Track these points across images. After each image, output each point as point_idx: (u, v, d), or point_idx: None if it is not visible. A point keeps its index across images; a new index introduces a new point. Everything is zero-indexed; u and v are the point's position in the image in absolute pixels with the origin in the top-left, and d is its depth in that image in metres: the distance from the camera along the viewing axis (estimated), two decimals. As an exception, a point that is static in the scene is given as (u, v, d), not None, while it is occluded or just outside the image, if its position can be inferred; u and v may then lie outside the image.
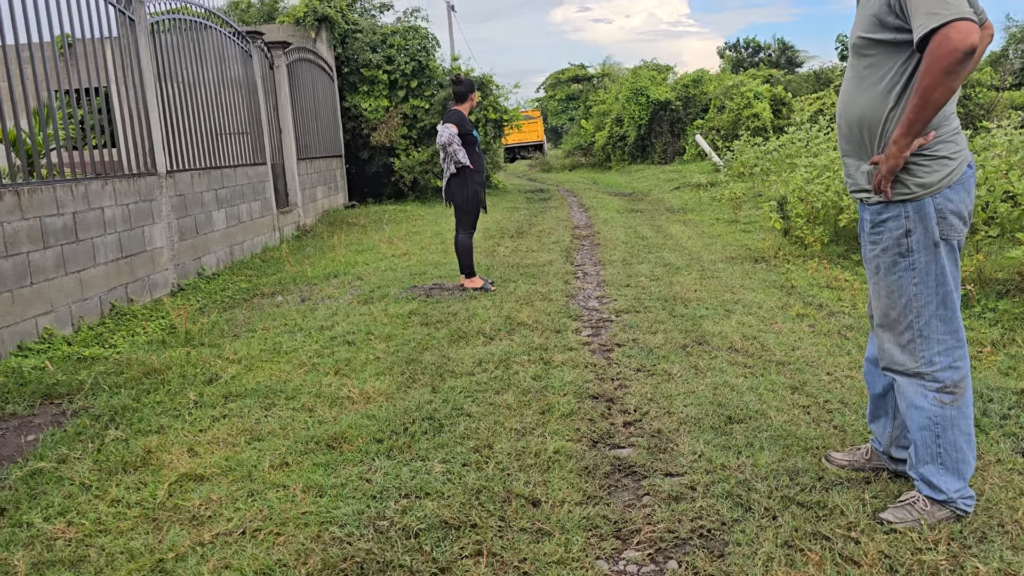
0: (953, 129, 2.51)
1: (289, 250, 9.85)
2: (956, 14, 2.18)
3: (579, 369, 4.47)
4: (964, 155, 2.51)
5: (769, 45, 52.78)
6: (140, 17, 7.42)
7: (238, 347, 5.33)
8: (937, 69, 2.23)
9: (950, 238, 2.51)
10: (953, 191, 2.47)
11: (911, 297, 2.55)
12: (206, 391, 4.43)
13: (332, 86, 15.00)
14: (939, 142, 2.46)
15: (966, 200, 2.51)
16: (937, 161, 2.46)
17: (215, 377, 4.69)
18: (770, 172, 13.01)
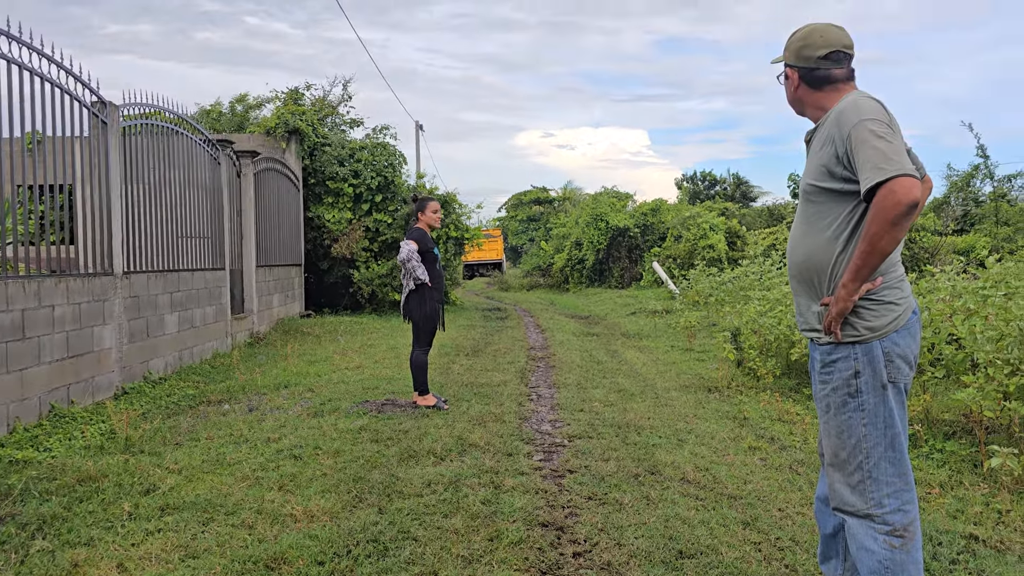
0: (899, 276, 2.63)
1: (240, 357, 9.69)
2: (900, 171, 2.33)
3: (530, 495, 4.38)
4: (909, 301, 2.62)
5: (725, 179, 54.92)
6: (113, 120, 7.51)
7: (179, 456, 5.15)
8: (883, 220, 2.35)
9: (897, 381, 2.58)
10: (900, 335, 2.57)
11: (860, 438, 2.58)
12: (142, 502, 4.24)
13: (297, 196, 15.18)
14: (886, 288, 2.57)
15: (912, 345, 2.60)
16: (884, 306, 2.56)
17: (153, 487, 4.50)
18: (724, 303, 13.30)
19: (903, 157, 2.37)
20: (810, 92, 2.77)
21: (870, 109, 2.49)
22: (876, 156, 2.37)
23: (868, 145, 2.40)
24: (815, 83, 2.74)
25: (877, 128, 2.42)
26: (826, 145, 2.59)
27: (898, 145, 2.41)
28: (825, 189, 2.61)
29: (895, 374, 2.57)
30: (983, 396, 4.74)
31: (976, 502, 4.23)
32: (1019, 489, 4.38)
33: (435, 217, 6.85)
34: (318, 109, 17.56)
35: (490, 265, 40.17)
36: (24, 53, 6.14)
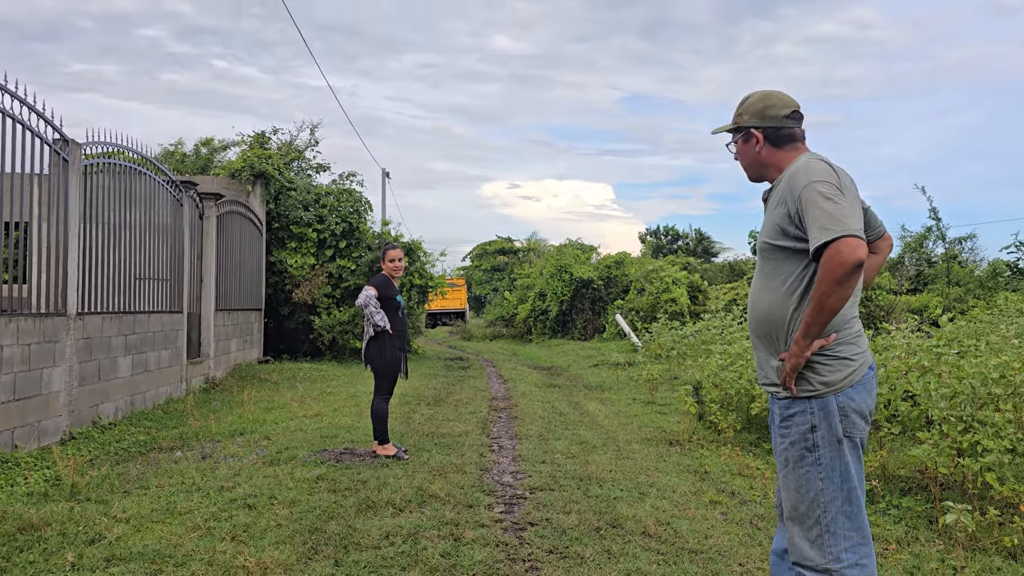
0: (855, 332, 2.67)
1: (195, 403, 9.47)
2: (846, 231, 2.41)
3: (490, 548, 4.30)
4: (865, 357, 2.67)
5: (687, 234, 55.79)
6: (75, 159, 7.42)
7: (128, 505, 4.98)
8: (830, 279, 2.42)
9: (853, 435, 2.61)
10: (855, 390, 2.61)
11: (818, 492, 2.60)
12: (87, 552, 4.08)
13: (260, 240, 15.06)
14: (840, 343, 2.62)
15: (867, 400, 2.64)
16: (839, 361, 2.61)
17: (99, 537, 4.34)
18: (686, 356, 13.39)
19: (850, 218, 2.44)
20: (773, 152, 2.82)
21: (820, 171, 2.58)
22: (823, 217, 2.45)
23: (816, 206, 2.48)
24: (779, 142, 2.81)
25: (825, 190, 2.50)
26: (780, 205, 2.67)
27: (845, 206, 2.48)
28: (779, 247, 2.69)
29: (850, 428, 2.60)
30: (937, 452, 4.79)
31: (932, 559, 4.24)
32: (973, 546, 4.41)
33: (392, 266, 6.77)
34: (284, 153, 17.55)
35: (453, 314, 40.09)
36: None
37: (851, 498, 2.59)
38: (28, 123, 6.69)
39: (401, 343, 6.73)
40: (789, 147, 2.82)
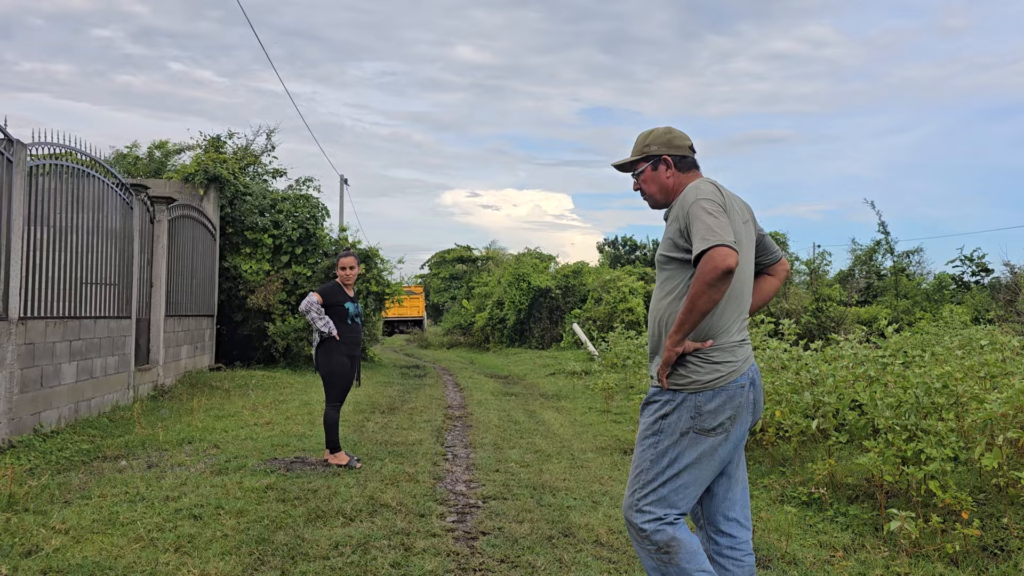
0: (734, 343, 2.92)
1: (142, 411, 9.26)
2: (719, 241, 2.68)
3: (441, 557, 4.26)
4: (738, 367, 2.90)
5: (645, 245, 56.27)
6: (19, 159, 7.22)
7: (68, 515, 4.84)
8: (702, 282, 2.68)
9: (700, 433, 2.85)
10: (715, 395, 2.85)
11: (645, 468, 2.91)
12: (22, 564, 3.95)
13: (214, 245, 14.82)
14: (716, 350, 2.88)
15: (726, 407, 2.85)
16: (709, 364, 2.86)
17: (36, 549, 4.21)
18: (642, 365, 13.45)
19: (725, 231, 2.71)
20: (679, 176, 3.12)
21: (706, 191, 2.87)
22: (703, 229, 2.73)
23: (699, 220, 2.76)
24: (685, 168, 3.14)
25: (708, 206, 2.79)
26: (674, 222, 2.96)
27: (724, 222, 2.75)
28: (673, 258, 2.97)
29: (700, 426, 2.84)
30: (883, 461, 4.87)
31: (877, 565, 4.31)
32: (917, 552, 4.49)
33: (344, 274, 6.70)
34: (240, 158, 17.31)
35: (411, 322, 39.85)
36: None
37: (672, 483, 2.86)
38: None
39: (351, 350, 6.66)
40: (691, 173, 3.14)
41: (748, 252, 3.05)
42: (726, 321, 2.90)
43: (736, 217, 2.93)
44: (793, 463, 6.59)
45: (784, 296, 22.79)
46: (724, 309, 2.89)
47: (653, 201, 3.20)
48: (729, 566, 2.99)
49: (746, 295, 3.03)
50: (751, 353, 3.00)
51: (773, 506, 5.63)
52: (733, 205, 2.96)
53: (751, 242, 3.08)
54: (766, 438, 6.75)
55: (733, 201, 2.99)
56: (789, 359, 6.94)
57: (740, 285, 2.96)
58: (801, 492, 5.78)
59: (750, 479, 6.51)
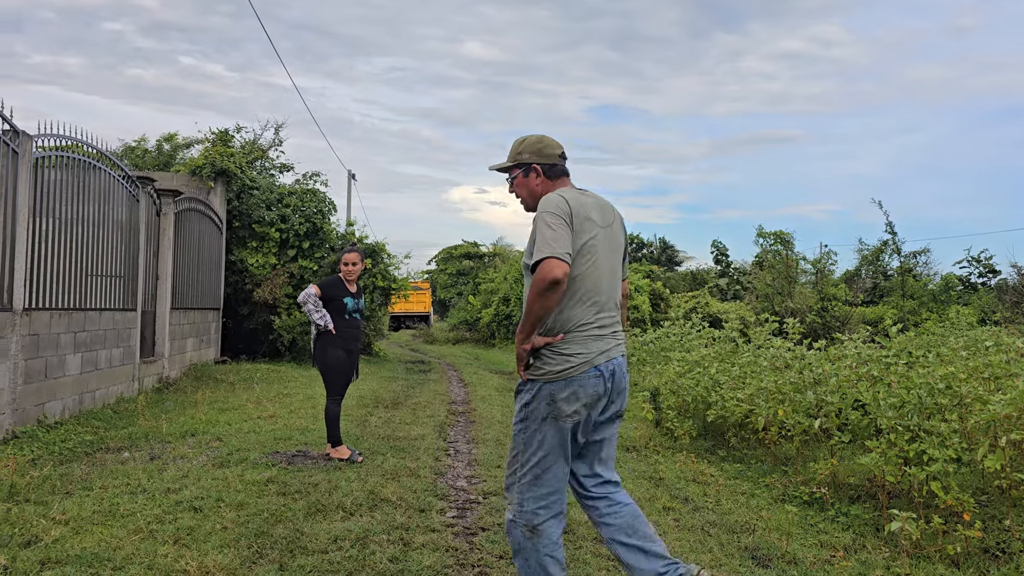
0: (585, 336, 3.13)
1: (147, 403, 9.29)
2: (551, 254, 2.92)
3: (439, 552, 4.26)
4: (590, 359, 3.11)
5: (651, 243, 56.22)
6: (25, 151, 7.24)
7: (68, 506, 4.85)
8: (535, 290, 2.94)
9: (558, 419, 3.09)
10: (568, 384, 3.08)
11: (519, 452, 3.18)
12: (21, 555, 3.96)
13: (220, 238, 14.84)
14: (567, 343, 3.11)
15: (579, 394, 3.09)
16: (561, 356, 3.09)
17: (35, 539, 4.22)
18: (646, 363, 13.44)
19: (559, 244, 2.94)
20: (547, 184, 3.35)
21: (551, 203, 3.10)
22: (540, 241, 2.97)
23: (539, 231, 3.01)
24: (554, 175, 3.36)
25: (549, 219, 3.02)
26: (532, 229, 3.16)
27: (560, 235, 2.97)
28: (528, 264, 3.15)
29: (556, 413, 3.08)
30: (885, 461, 4.85)
31: (878, 566, 4.29)
32: (918, 553, 4.47)
33: (346, 269, 6.69)
34: (248, 152, 17.33)
35: (417, 317, 39.88)
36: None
37: (540, 465, 3.11)
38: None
39: (348, 344, 6.65)
40: (559, 181, 3.36)
41: (607, 254, 3.25)
42: (577, 317, 3.12)
43: (589, 225, 3.16)
44: (795, 462, 6.57)
45: (789, 295, 22.72)
46: (575, 306, 3.11)
47: (525, 205, 3.42)
48: (612, 521, 3.28)
49: (605, 292, 3.21)
50: (612, 345, 3.19)
51: (774, 505, 5.61)
52: (587, 214, 3.17)
53: (615, 244, 3.32)
54: (768, 437, 6.73)
55: (590, 210, 3.19)
56: (792, 358, 6.91)
57: (595, 284, 3.16)
58: (803, 491, 5.76)
59: (752, 478, 6.49)
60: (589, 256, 3.13)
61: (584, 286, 3.12)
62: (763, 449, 7.33)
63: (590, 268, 3.13)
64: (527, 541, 3.14)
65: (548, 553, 3.12)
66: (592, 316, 3.15)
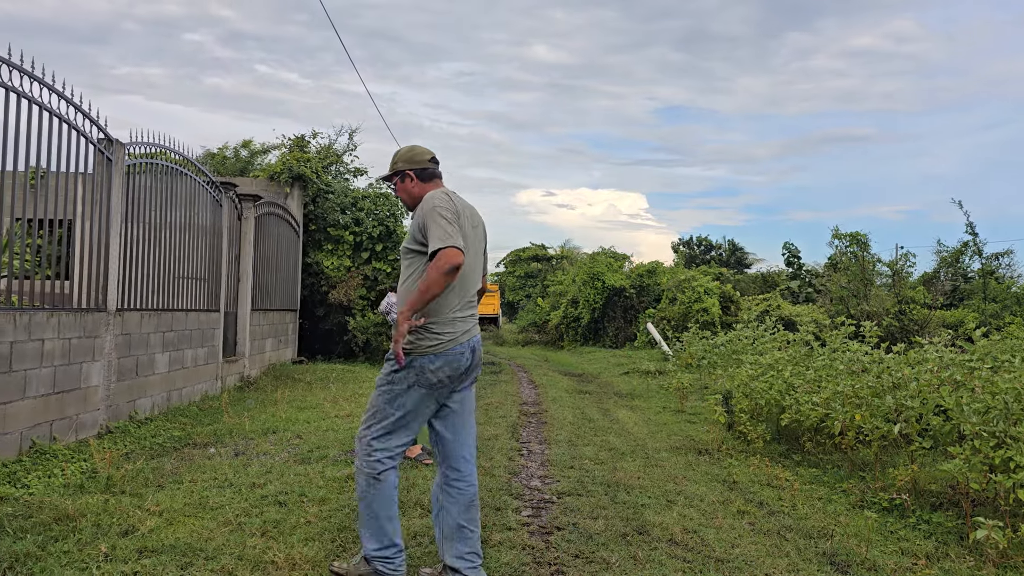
0: (456, 318, 3.68)
1: (229, 401, 9.63)
2: (451, 243, 3.42)
3: (516, 550, 4.33)
4: (457, 338, 3.66)
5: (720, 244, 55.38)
6: (118, 159, 7.60)
7: (161, 498, 5.09)
8: (437, 273, 3.39)
9: (424, 387, 3.62)
10: (437, 358, 3.61)
11: (378, 408, 3.68)
12: (120, 543, 4.18)
13: (297, 242, 15.26)
14: (436, 324, 3.62)
15: (445, 368, 3.63)
16: (431, 334, 3.60)
17: (132, 529, 4.45)
18: (717, 366, 13.30)
19: (456, 236, 3.45)
20: (423, 186, 3.87)
21: (443, 200, 3.63)
22: (439, 232, 3.47)
23: (435, 224, 3.50)
24: (426, 178, 3.89)
25: (444, 213, 3.53)
26: (415, 220, 3.70)
27: (455, 228, 3.48)
28: (412, 250, 3.72)
29: (423, 381, 3.61)
30: (969, 468, 4.73)
31: (962, 575, 4.19)
32: (1004, 563, 4.35)
33: None
34: (323, 157, 17.75)
35: (487, 319, 40.13)
36: (35, 88, 6.25)
37: (396, 424, 3.64)
38: (74, 123, 6.86)
39: None
40: (431, 183, 3.89)
41: (475, 251, 3.83)
42: (449, 302, 3.65)
43: (466, 223, 3.71)
44: (873, 468, 6.44)
45: (865, 298, 22.13)
46: (449, 292, 3.63)
47: (406, 205, 3.96)
48: (454, 494, 3.75)
49: (470, 283, 3.79)
50: (472, 326, 3.78)
51: (852, 511, 5.51)
52: (464, 212, 3.73)
53: (480, 243, 3.92)
54: (845, 442, 6.61)
55: (464, 209, 3.75)
56: (870, 362, 6.78)
57: (464, 276, 3.69)
58: (882, 498, 5.65)
59: (829, 483, 6.38)
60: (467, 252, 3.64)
61: (460, 276, 3.63)
62: (840, 454, 7.20)
63: (466, 262, 3.63)
64: (370, 488, 3.63)
65: (387, 497, 3.63)
66: (460, 302, 3.72)
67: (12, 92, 5.98)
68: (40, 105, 6.33)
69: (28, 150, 6.20)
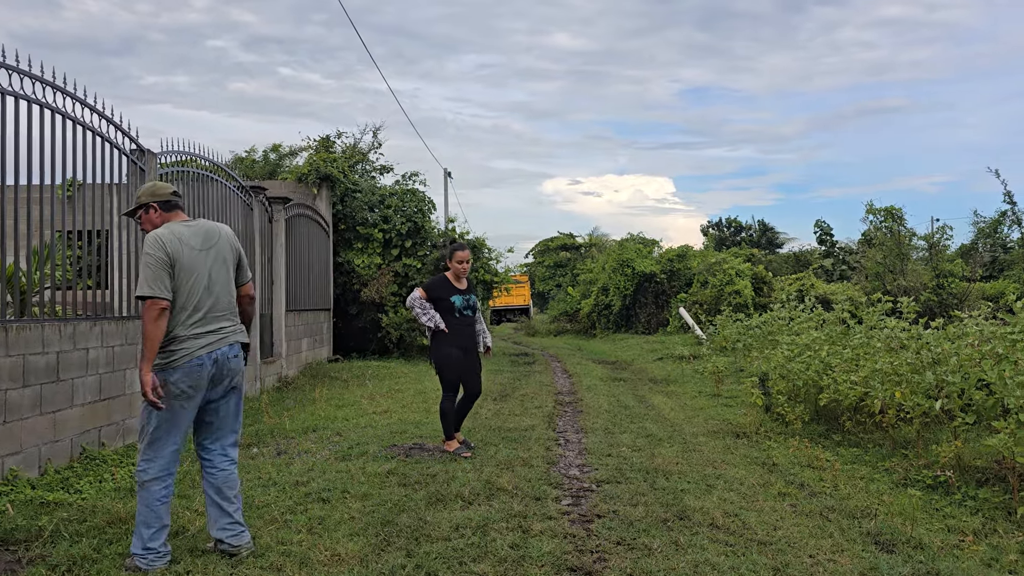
0: (190, 335, 3.99)
1: (269, 401, 9.77)
2: (151, 293, 3.85)
3: (558, 539, 4.37)
4: (193, 352, 3.97)
5: (750, 226, 54.89)
6: (151, 168, 7.73)
7: (209, 499, 5.18)
8: (146, 323, 3.84)
9: (172, 396, 3.93)
10: (175, 371, 3.93)
11: (144, 422, 3.99)
12: (172, 544, 4.27)
13: (327, 241, 15.40)
14: (172, 342, 3.94)
15: (185, 379, 3.95)
16: (169, 351, 3.94)
17: (182, 529, 4.55)
18: (752, 348, 13.21)
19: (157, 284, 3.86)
20: (164, 215, 4.20)
21: (150, 243, 3.99)
22: (141, 278, 3.93)
23: (141, 269, 3.96)
24: (168, 209, 4.22)
25: (147, 260, 3.93)
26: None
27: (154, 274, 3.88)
28: None
29: (171, 392, 3.92)
30: (1015, 442, 4.67)
31: (1011, 550, 4.15)
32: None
33: (459, 267, 6.80)
34: (349, 156, 17.88)
35: (518, 310, 40.21)
36: (67, 102, 6.38)
37: (156, 434, 3.95)
38: (107, 135, 6.99)
39: (461, 342, 6.76)
40: (172, 213, 4.23)
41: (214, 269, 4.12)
42: (174, 324, 3.96)
43: (187, 251, 4.03)
44: (915, 445, 6.38)
45: (902, 273, 21.81)
46: (177, 314, 3.96)
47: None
48: (209, 478, 4.18)
49: (208, 300, 4.07)
50: (218, 340, 4.06)
51: (896, 489, 5.47)
52: (186, 242, 4.05)
53: (221, 260, 4.18)
54: (886, 420, 6.56)
55: (189, 239, 4.07)
56: (908, 338, 6.70)
57: (194, 295, 4.01)
58: (925, 475, 5.60)
59: (871, 462, 6.33)
60: (187, 276, 3.99)
61: (182, 299, 3.97)
62: (880, 433, 7.13)
63: (190, 284, 4.00)
64: (140, 492, 3.98)
65: (148, 505, 3.94)
66: (192, 319, 4.02)
67: (46, 108, 6.10)
68: (73, 119, 6.45)
69: (64, 163, 6.34)
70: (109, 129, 7.06)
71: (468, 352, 6.82)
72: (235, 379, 4.20)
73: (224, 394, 4.18)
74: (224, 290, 4.20)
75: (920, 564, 4.03)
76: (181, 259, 4.01)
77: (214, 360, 4.05)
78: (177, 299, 3.98)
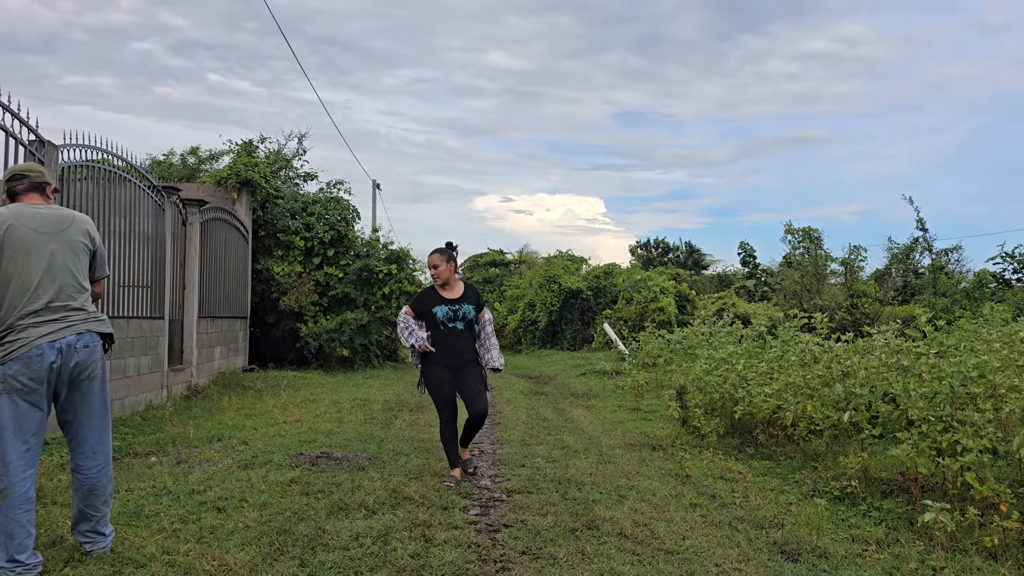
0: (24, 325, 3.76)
1: (175, 410, 9.35)
2: None
3: (461, 549, 4.22)
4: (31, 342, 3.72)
5: (678, 247, 55.82)
6: (51, 161, 7.33)
7: (94, 507, 4.86)
8: None
9: (11, 393, 3.71)
10: (14, 363, 3.70)
11: None
12: (47, 554, 3.98)
13: (246, 247, 14.96)
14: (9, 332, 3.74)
15: (24, 371, 3.71)
16: (4, 343, 3.73)
17: (60, 539, 4.25)
18: (672, 362, 13.32)
19: None
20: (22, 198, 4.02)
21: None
22: None
23: None
24: (12, 196, 4.03)
25: None
26: None
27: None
28: None
29: (8, 387, 3.70)
30: (917, 453, 4.73)
31: (911, 559, 4.18)
32: (953, 546, 4.35)
33: (432, 272, 6.14)
34: (272, 162, 17.46)
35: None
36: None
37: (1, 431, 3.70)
38: (2, 122, 6.60)
39: (448, 360, 6.04)
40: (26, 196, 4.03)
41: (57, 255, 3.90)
42: (13, 310, 3.77)
43: (26, 232, 3.83)
44: (825, 458, 6.45)
45: (818, 292, 22.43)
46: (11, 300, 3.77)
47: None
48: (75, 483, 4.00)
49: (47, 287, 3.84)
50: (60, 328, 3.81)
51: (804, 500, 5.50)
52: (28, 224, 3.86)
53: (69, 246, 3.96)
54: (797, 433, 6.61)
55: (31, 219, 3.88)
56: (821, 352, 6.79)
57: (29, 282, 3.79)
58: (833, 487, 5.64)
59: (782, 474, 6.37)
60: (22, 256, 3.79)
61: (17, 283, 3.78)
62: (792, 445, 7.20)
63: (26, 266, 3.79)
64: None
65: (7, 515, 3.67)
66: (32, 307, 3.80)
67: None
68: (-37, 103, 6.06)
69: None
70: (5, 117, 6.67)
71: (460, 370, 6.08)
72: (89, 371, 3.94)
73: (78, 388, 3.93)
74: (71, 278, 3.96)
75: (824, 573, 4.03)
76: (12, 239, 3.81)
77: (58, 350, 3.80)
78: (12, 283, 3.78)
